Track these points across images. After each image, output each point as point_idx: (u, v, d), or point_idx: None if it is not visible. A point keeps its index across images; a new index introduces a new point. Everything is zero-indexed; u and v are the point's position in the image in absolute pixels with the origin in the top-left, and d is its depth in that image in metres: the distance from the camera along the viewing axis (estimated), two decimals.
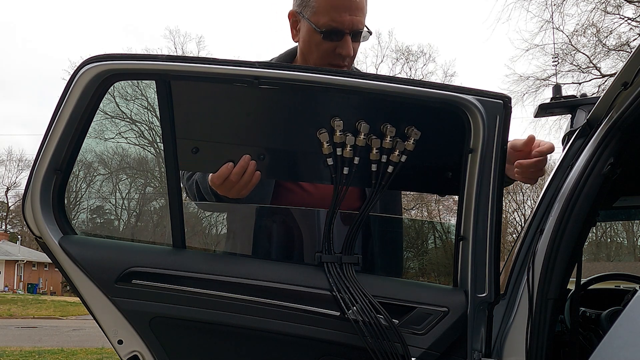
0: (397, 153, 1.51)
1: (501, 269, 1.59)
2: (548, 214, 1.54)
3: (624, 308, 1.14)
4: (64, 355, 10.48)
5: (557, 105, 2.05)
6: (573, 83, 18.88)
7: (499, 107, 1.47)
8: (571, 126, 1.95)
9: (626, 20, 17.76)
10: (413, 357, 1.48)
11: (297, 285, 1.53)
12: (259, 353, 1.56)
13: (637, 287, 2.61)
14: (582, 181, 1.46)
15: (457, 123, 1.50)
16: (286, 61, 1.92)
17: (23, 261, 43.24)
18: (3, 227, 53.25)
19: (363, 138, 1.49)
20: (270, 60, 1.94)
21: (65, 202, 1.61)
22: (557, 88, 2.12)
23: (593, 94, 2.07)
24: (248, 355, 1.56)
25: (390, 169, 1.53)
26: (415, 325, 1.50)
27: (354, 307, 1.47)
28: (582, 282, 2.21)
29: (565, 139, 2.03)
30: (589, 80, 19.01)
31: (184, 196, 1.70)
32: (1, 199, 53.27)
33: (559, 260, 1.43)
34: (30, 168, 1.56)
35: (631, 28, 17.75)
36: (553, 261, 1.43)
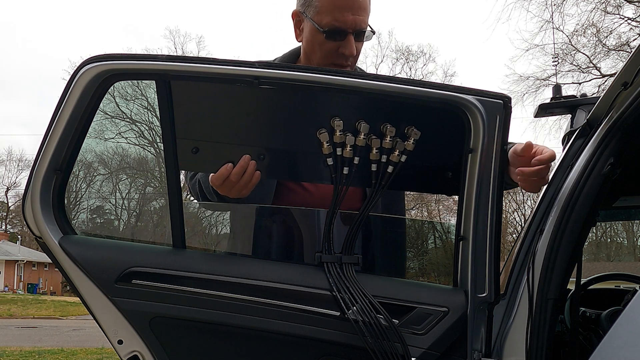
0: (397, 153, 1.51)
1: (501, 269, 1.59)
2: (548, 214, 1.54)
3: (624, 308, 1.14)
4: (64, 355, 10.48)
5: (557, 105, 2.05)
6: (573, 83, 18.91)
7: (499, 107, 1.47)
8: (571, 126, 1.95)
9: (626, 20, 17.77)
10: (413, 357, 1.48)
11: (297, 285, 1.53)
12: (259, 353, 1.56)
13: (637, 287, 2.61)
14: (582, 181, 1.46)
15: (457, 123, 1.50)
16: (290, 61, 1.92)
17: (23, 261, 43.24)
18: (3, 227, 53.26)
19: (363, 138, 1.49)
20: (273, 60, 1.94)
21: (65, 202, 1.61)
22: (557, 88, 2.12)
23: (593, 94, 2.07)
24: (248, 355, 1.56)
25: (390, 169, 1.53)
26: (415, 325, 1.51)
27: (354, 307, 1.47)
28: (582, 282, 2.21)
29: (565, 139, 2.03)
30: (589, 80, 19.04)
31: (184, 196, 1.70)
32: (1, 199, 53.34)
33: (559, 260, 1.43)
34: (30, 168, 1.56)
35: (631, 28, 17.77)
36: (553, 261, 1.43)
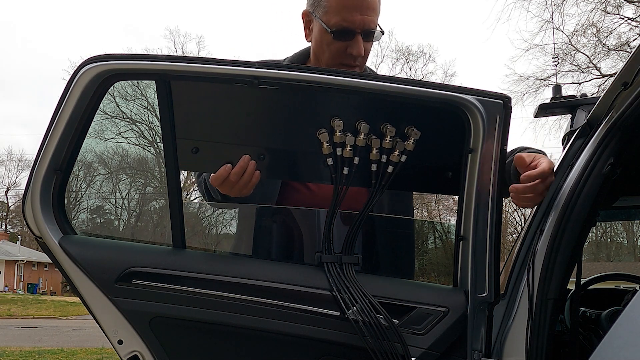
0: (397, 153, 1.51)
1: (501, 269, 1.59)
2: (548, 214, 1.53)
3: (624, 308, 1.14)
4: (64, 355, 10.49)
5: (557, 105, 2.05)
6: (573, 83, 18.91)
7: (499, 107, 1.47)
8: (571, 126, 1.95)
9: (626, 20, 17.77)
10: (413, 357, 1.48)
11: (297, 285, 1.53)
12: (259, 353, 1.56)
13: (637, 287, 2.61)
14: (582, 181, 1.45)
15: (457, 123, 1.50)
16: (299, 61, 1.91)
17: (23, 261, 43.24)
18: (3, 227, 53.27)
19: (363, 138, 1.49)
20: (283, 60, 1.94)
21: (65, 202, 1.61)
22: (557, 88, 2.12)
23: (593, 94, 2.07)
24: (248, 355, 1.56)
25: (390, 169, 1.53)
26: (415, 325, 1.51)
27: (354, 307, 1.47)
28: (582, 282, 2.21)
29: (565, 139, 2.03)
30: (589, 80, 19.04)
31: (184, 196, 1.70)
32: (1, 199, 53.34)
33: (559, 260, 1.43)
34: (30, 168, 1.56)
35: (631, 28, 17.77)
36: (553, 261, 1.43)
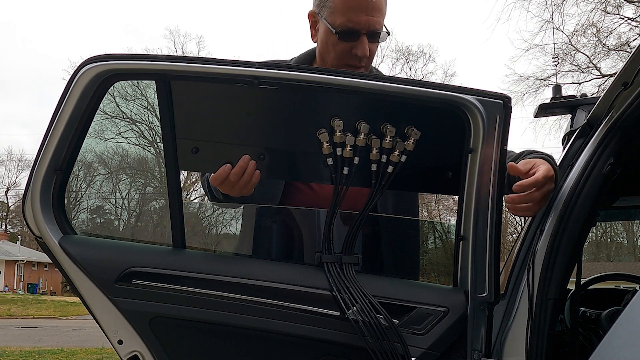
0: (397, 153, 1.51)
1: (501, 269, 1.59)
2: (548, 214, 1.53)
3: (624, 308, 1.14)
4: (64, 355, 10.49)
5: (557, 105, 2.05)
6: (573, 83, 18.91)
7: (499, 107, 1.47)
8: (571, 126, 1.96)
9: (626, 20, 17.77)
10: (413, 357, 1.48)
11: (297, 285, 1.53)
12: (259, 353, 1.56)
13: (637, 287, 2.61)
14: (582, 181, 1.46)
15: (457, 123, 1.50)
16: (306, 61, 1.91)
17: (23, 261, 43.24)
18: (3, 227, 53.27)
19: (363, 138, 1.49)
20: (290, 60, 1.94)
21: (65, 202, 1.61)
22: (557, 88, 2.12)
23: (593, 94, 2.07)
24: (248, 355, 1.56)
25: (390, 169, 1.53)
26: (415, 325, 1.50)
27: (354, 307, 1.47)
28: (582, 282, 2.21)
29: (565, 139, 2.03)
30: (589, 80, 19.04)
31: (184, 196, 1.70)
32: (1, 199, 53.34)
33: (559, 260, 1.43)
34: (30, 168, 1.56)
35: (631, 28, 17.77)
36: (553, 261, 1.43)
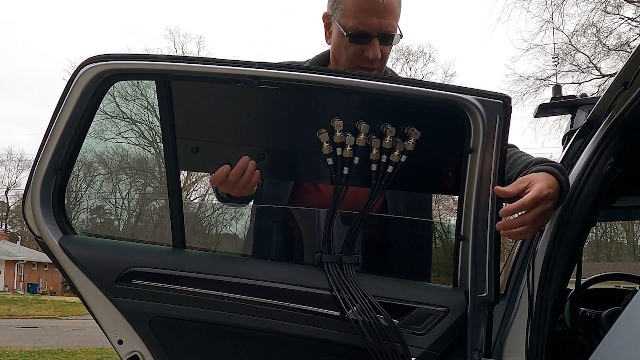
0: (397, 153, 1.51)
1: (501, 269, 1.59)
2: None
3: (624, 308, 1.14)
4: (64, 355, 10.49)
5: (557, 105, 2.06)
6: (573, 83, 18.90)
7: (499, 107, 1.47)
8: (571, 126, 1.96)
9: (626, 20, 17.77)
10: (413, 357, 1.48)
11: (297, 285, 1.53)
12: (259, 353, 1.56)
13: (637, 287, 2.61)
14: (582, 181, 1.46)
15: (457, 123, 1.50)
16: (320, 63, 1.91)
17: (23, 261, 43.24)
18: (3, 227, 53.28)
19: (363, 138, 1.49)
20: (305, 62, 1.94)
21: (65, 202, 1.61)
22: (557, 88, 2.12)
23: (593, 94, 2.07)
24: (248, 355, 1.56)
25: (390, 169, 1.53)
26: (415, 325, 1.50)
27: (354, 307, 1.47)
28: (582, 282, 2.21)
29: (565, 139, 2.04)
30: (589, 80, 19.03)
31: (184, 196, 1.70)
32: (1, 199, 53.35)
33: (559, 260, 1.43)
34: (30, 168, 1.56)
35: (631, 28, 17.76)
36: (553, 261, 1.43)
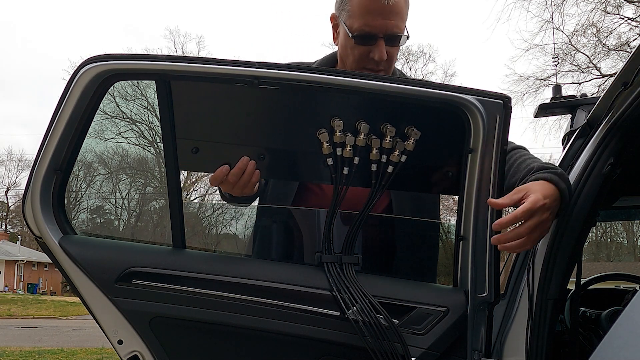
0: (397, 153, 1.51)
1: (501, 269, 1.59)
2: None
3: (624, 308, 1.14)
4: (64, 355, 10.49)
5: (557, 105, 2.06)
6: (573, 83, 18.89)
7: (499, 107, 1.47)
8: (571, 126, 1.96)
9: (626, 20, 17.76)
10: (413, 357, 1.48)
11: (297, 285, 1.53)
12: (259, 353, 1.56)
13: (637, 287, 2.61)
14: (582, 181, 1.46)
15: (457, 123, 1.50)
16: (328, 64, 1.91)
17: (23, 261, 43.24)
18: (3, 227, 53.28)
19: (363, 138, 1.49)
20: (313, 63, 1.93)
21: (65, 202, 1.61)
22: (557, 88, 2.12)
23: (593, 94, 2.07)
24: (248, 355, 1.56)
25: (390, 169, 1.53)
26: (415, 325, 1.50)
27: (354, 307, 1.47)
28: (582, 282, 2.21)
29: (565, 139, 2.04)
30: (589, 80, 19.02)
31: (184, 196, 1.70)
32: (1, 199, 53.36)
33: (559, 260, 1.43)
34: (30, 168, 1.56)
35: (631, 28, 17.76)
36: (553, 261, 1.43)
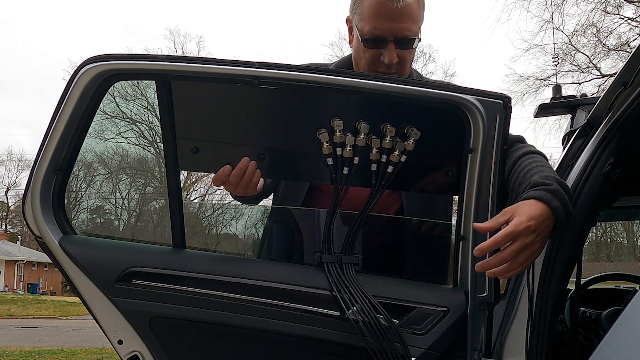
0: (397, 153, 1.51)
1: None
2: None
3: (624, 308, 1.14)
4: (64, 355, 10.48)
5: (557, 105, 2.05)
6: (573, 83, 18.87)
7: (499, 107, 1.47)
8: (571, 126, 1.95)
9: (626, 20, 17.75)
10: (413, 357, 1.48)
11: (297, 285, 1.53)
12: (259, 353, 1.56)
13: (637, 287, 2.61)
14: (582, 181, 1.45)
15: (457, 123, 1.50)
16: (344, 66, 1.89)
17: (23, 261, 43.23)
18: (3, 227, 53.28)
19: (363, 138, 1.49)
20: (330, 65, 1.92)
21: (65, 202, 1.61)
22: (557, 88, 2.12)
23: (593, 94, 2.07)
24: (248, 355, 1.56)
25: (390, 169, 1.53)
26: (415, 325, 1.50)
27: (354, 307, 1.47)
28: (582, 282, 2.21)
29: (565, 139, 2.03)
30: (589, 80, 19.01)
31: (184, 196, 1.70)
32: (1, 199, 53.35)
33: (559, 260, 1.43)
34: (30, 168, 1.56)
35: (631, 28, 17.75)
36: (553, 261, 1.43)
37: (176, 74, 1.47)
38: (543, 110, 2.09)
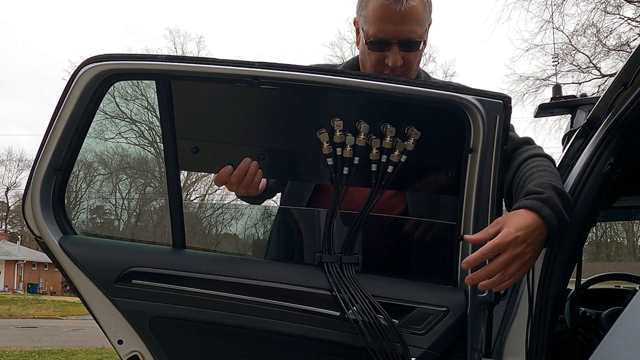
0: (397, 153, 1.51)
1: None
2: None
3: (624, 308, 1.14)
4: (64, 355, 10.48)
5: (557, 105, 2.05)
6: (573, 83, 18.87)
7: (499, 107, 1.47)
8: (571, 126, 1.95)
9: (626, 20, 17.75)
10: (413, 357, 1.47)
11: (297, 285, 1.53)
12: (259, 353, 1.56)
13: (637, 287, 2.61)
14: (582, 181, 1.45)
15: (457, 123, 1.50)
16: (352, 68, 1.88)
17: (23, 261, 43.23)
18: (3, 227, 53.28)
19: (363, 138, 1.49)
20: (339, 66, 1.91)
21: (65, 202, 1.61)
22: (557, 88, 2.12)
23: (593, 94, 2.07)
24: (248, 355, 1.56)
25: (390, 169, 1.53)
26: (415, 325, 1.50)
27: (354, 307, 1.47)
28: (582, 282, 2.21)
29: (565, 139, 2.03)
30: (589, 80, 19.01)
31: (184, 196, 1.70)
32: (1, 199, 53.36)
33: (559, 260, 1.43)
34: (30, 168, 1.56)
35: (631, 28, 17.75)
36: (553, 261, 1.43)
37: (176, 74, 1.47)
38: (543, 110, 2.09)
